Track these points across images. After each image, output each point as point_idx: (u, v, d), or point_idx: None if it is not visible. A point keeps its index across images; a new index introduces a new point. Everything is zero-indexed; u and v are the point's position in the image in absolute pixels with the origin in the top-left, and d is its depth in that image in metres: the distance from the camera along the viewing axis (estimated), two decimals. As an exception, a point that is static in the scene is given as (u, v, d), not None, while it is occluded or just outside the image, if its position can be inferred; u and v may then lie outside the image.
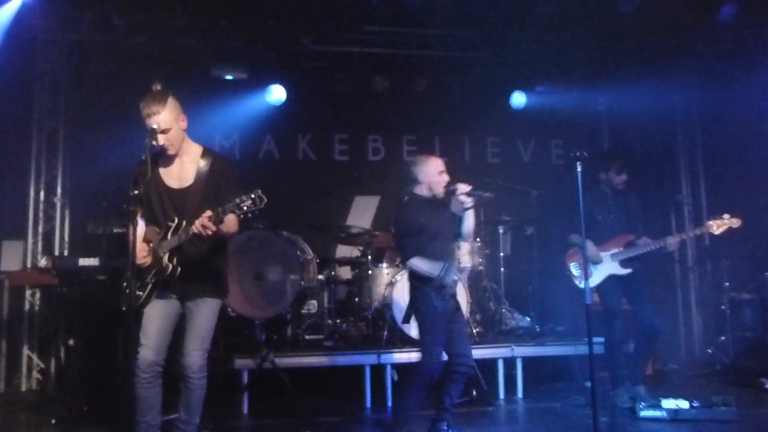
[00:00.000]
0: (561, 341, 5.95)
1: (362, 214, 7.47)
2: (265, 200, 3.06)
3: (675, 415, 4.64)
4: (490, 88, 7.51)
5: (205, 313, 3.48)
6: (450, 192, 4.14)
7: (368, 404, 5.32)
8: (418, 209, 4.17)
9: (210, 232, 3.18)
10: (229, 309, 5.47)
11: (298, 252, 6.02)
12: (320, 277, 6.21)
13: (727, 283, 6.51)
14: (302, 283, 5.86)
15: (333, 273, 6.33)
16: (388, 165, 7.69)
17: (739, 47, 6.37)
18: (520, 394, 5.57)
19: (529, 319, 6.52)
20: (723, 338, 6.51)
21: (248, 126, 7.31)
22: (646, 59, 6.99)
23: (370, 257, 6.10)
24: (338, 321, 6.24)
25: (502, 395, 5.51)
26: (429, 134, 7.71)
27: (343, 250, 6.90)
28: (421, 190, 4.24)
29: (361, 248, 6.31)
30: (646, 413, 4.71)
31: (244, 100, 7.17)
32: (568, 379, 5.75)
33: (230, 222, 3.33)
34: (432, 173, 4.20)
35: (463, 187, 4.10)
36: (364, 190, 7.47)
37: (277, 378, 5.01)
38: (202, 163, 3.46)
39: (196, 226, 3.18)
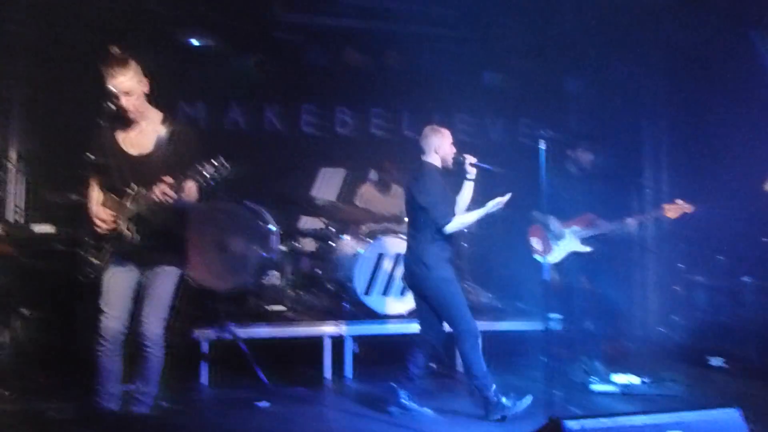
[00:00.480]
0: (520, 317, 6.06)
1: (327, 186, 7.43)
2: (228, 168, 3.02)
3: (626, 390, 4.81)
4: (461, 65, 7.46)
5: (164, 281, 3.44)
6: (458, 162, 4.26)
7: (328, 375, 5.35)
8: (440, 177, 4.26)
9: (170, 200, 3.13)
10: (189, 279, 5.41)
11: (261, 223, 5.97)
12: (283, 248, 6.18)
13: (682, 266, 6.71)
14: (265, 254, 5.84)
15: (296, 244, 6.31)
16: (355, 138, 7.64)
17: (713, 40, 6.44)
18: (478, 367, 5.66)
19: (490, 294, 6.61)
20: (675, 318, 6.73)
21: (214, 94, 7.14)
22: (620, 46, 7.03)
23: (333, 230, 6.10)
24: (300, 292, 6.23)
25: (460, 368, 5.59)
26: (398, 109, 7.67)
27: (307, 222, 6.87)
28: (434, 161, 4.28)
29: (325, 220, 6.29)
30: (598, 387, 4.85)
31: (211, 67, 6.99)
32: (525, 355, 5.86)
33: (191, 190, 3.27)
34: (447, 144, 4.29)
35: (470, 158, 4.26)
36: (330, 162, 7.43)
37: (236, 349, 4.99)
38: (163, 130, 3.39)
39: (156, 194, 3.13)
